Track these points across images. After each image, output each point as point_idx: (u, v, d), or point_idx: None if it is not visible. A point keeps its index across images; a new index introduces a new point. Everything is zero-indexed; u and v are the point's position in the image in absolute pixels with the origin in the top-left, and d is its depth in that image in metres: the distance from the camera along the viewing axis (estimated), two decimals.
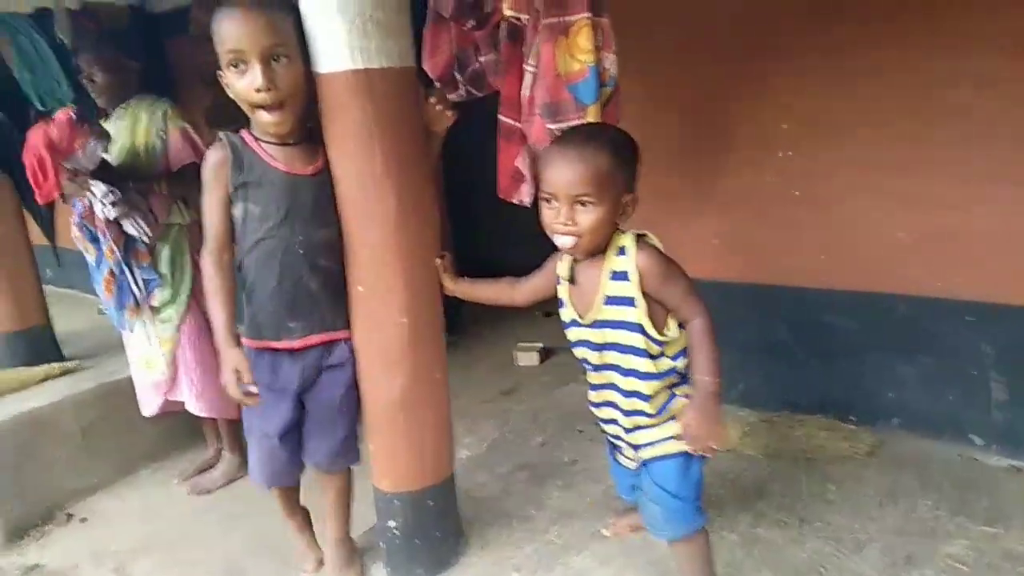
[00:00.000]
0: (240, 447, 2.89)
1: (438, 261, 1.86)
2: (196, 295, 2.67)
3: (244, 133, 1.74)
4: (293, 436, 1.84)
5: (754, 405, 2.55)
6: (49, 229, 3.93)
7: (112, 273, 2.57)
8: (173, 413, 2.83)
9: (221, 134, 1.73)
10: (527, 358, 3.79)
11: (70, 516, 2.80)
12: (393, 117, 1.70)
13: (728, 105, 2.44)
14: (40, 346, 3.40)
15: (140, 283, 2.60)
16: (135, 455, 3.12)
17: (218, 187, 1.70)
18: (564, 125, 1.80)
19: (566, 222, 1.56)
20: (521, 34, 1.91)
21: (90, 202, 2.42)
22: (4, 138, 3.32)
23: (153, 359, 2.71)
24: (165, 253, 2.65)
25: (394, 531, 1.93)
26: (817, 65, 2.26)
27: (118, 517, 2.76)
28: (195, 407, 2.74)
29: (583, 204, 1.54)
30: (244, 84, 1.60)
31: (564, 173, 1.54)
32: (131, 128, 2.61)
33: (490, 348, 3.89)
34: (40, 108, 3.55)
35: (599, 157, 1.52)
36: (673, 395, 1.67)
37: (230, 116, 3.49)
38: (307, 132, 1.76)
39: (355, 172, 1.71)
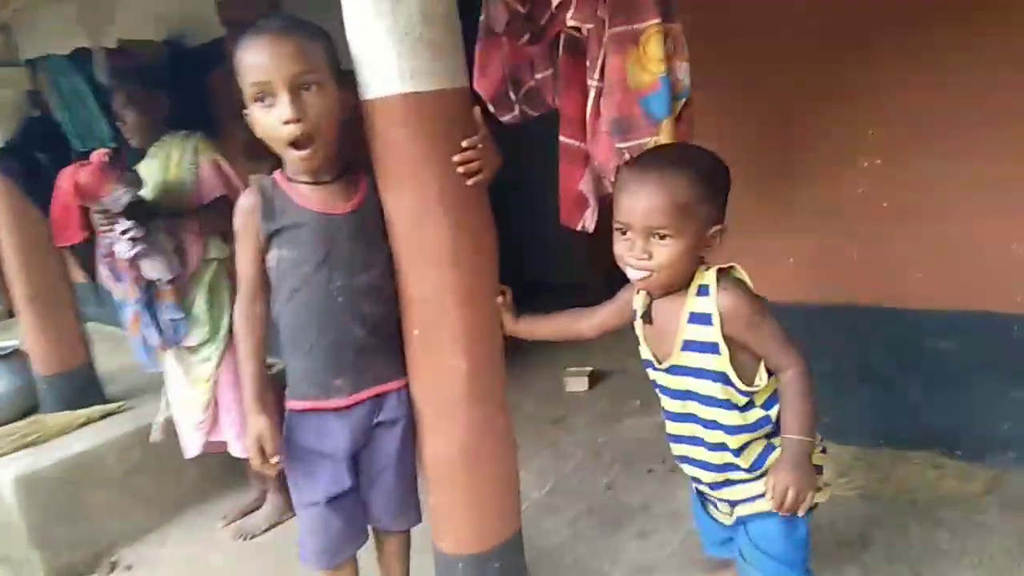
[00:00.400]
0: (285, 488, 2.77)
1: (499, 299, 1.69)
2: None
3: (277, 174, 1.58)
4: (347, 502, 1.66)
5: (846, 440, 2.31)
6: (90, 266, 3.88)
7: (136, 314, 2.50)
8: (216, 453, 2.73)
9: (252, 178, 1.60)
10: (576, 383, 3.60)
11: (115, 564, 2.72)
12: (448, 143, 1.53)
13: (808, 113, 2.24)
14: (83, 387, 3.33)
15: (162, 323, 2.50)
16: (179, 497, 3.04)
17: (248, 236, 1.56)
18: (635, 143, 1.63)
19: (640, 256, 1.38)
20: (582, 47, 1.75)
21: (111, 242, 2.35)
22: (45, 180, 3.27)
23: (192, 400, 2.63)
24: (203, 290, 2.56)
25: None
26: (909, 65, 2.06)
27: (164, 564, 2.67)
28: (236, 448, 2.63)
29: (660, 237, 1.36)
30: (271, 119, 1.43)
31: (640, 202, 1.36)
32: (163, 165, 2.56)
33: (534, 373, 3.68)
34: (80, 149, 3.51)
35: (681, 185, 1.34)
36: (771, 446, 1.47)
37: (266, 149, 3.44)
38: (345, 167, 1.60)
39: (408, 205, 1.55)
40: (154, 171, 2.55)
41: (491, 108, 1.92)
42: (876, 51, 2.11)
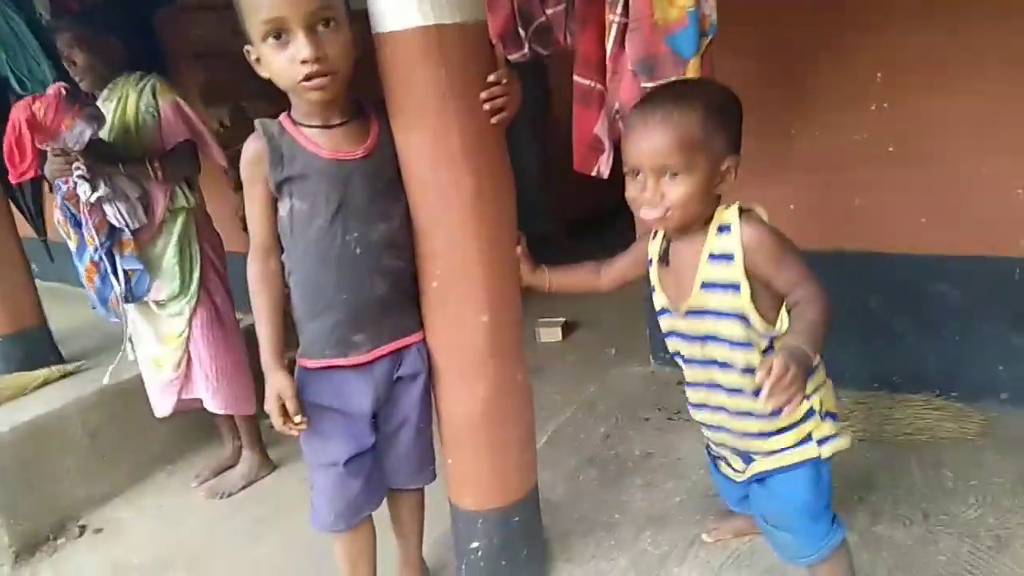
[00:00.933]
0: (260, 445, 2.78)
1: (518, 248, 1.62)
2: (206, 284, 2.52)
3: (283, 118, 1.46)
4: (364, 460, 1.59)
5: (845, 385, 2.30)
6: (38, 222, 3.64)
7: (94, 262, 2.37)
8: (187, 412, 2.68)
9: (257, 122, 1.46)
10: (549, 334, 3.59)
11: (83, 528, 2.64)
12: (470, 82, 1.43)
13: (814, 55, 2.18)
14: (37, 348, 3.18)
15: (120, 273, 2.38)
16: (148, 458, 2.96)
17: (257, 185, 1.45)
18: (662, 83, 1.55)
19: (653, 197, 1.33)
20: None
21: (74, 183, 2.22)
22: None
23: (163, 357, 2.54)
24: (172, 241, 2.45)
25: (477, 553, 1.72)
26: (920, 7, 2.01)
27: (135, 527, 2.59)
28: (212, 404, 2.58)
29: (671, 175, 1.31)
30: (286, 57, 1.31)
31: (647, 141, 1.31)
32: (120, 108, 2.41)
33: None
34: (20, 92, 3.24)
35: (687, 120, 1.29)
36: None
37: (226, 92, 3.24)
38: (356, 108, 1.48)
39: (428, 149, 1.45)
40: (110, 116, 2.39)
41: (498, 46, 1.80)
42: None
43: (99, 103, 2.40)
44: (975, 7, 1.96)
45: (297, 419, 1.48)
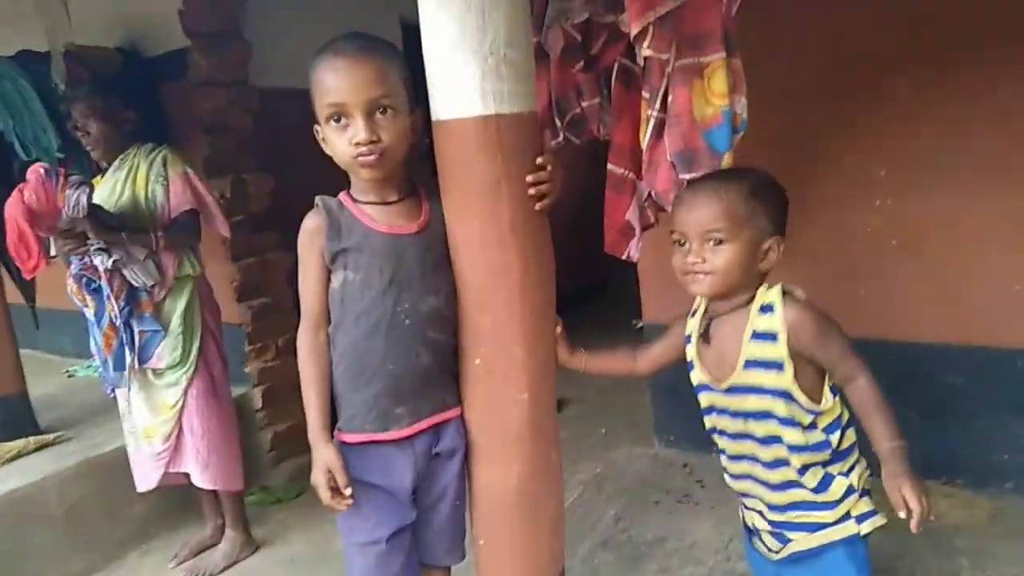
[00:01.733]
0: (244, 523, 2.72)
1: (558, 331, 1.65)
2: (205, 354, 2.53)
3: (343, 196, 1.53)
4: (405, 537, 1.57)
5: None
6: (28, 288, 3.57)
7: (113, 327, 2.38)
8: (169, 487, 2.64)
9: (318, 199, 1.52)
10: None
11: None
12: (522, 169, 1.49)
13: (821, 151, 2.32)
14: (15, 417, 3.10)
15: (137, 338, 2.39)
16: (123, 537, 2.86)
17: (313, 257, 1.50)
18: (699, 176, 1.64)
19: (696, 260, 1.41)
20: (636, 78, 1.76)
21: (90, 257, 2.28)
22: None
23: (154, 428, 2.49)
24: (179, 308, 2.46)
25: None
26: (921, 108, 2.16)
27: None
28: (201, 479, 2.53)
29: (716, 243, 1.40)
30: (345, 139, 1.40)
31: (696, 210, 1.42)
32: (130, 178, 2.46)
33: None
34: (24, 158, 3.24)
35: (734, 194, 1.40)
36: (829, 475, 1.48)
37: (228, 165, 3.28)
38: (410, 188, 1.56)
39: (479, 231, 1.49)
40: (119, 184, 2.45)
41: (545, 133, 1.88)
42: (890, 91, 2.21)
43: (110, 173, 2.46)
44: (976, 113, 2.11)
45: (347, 492, 1.47)
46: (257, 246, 3.36)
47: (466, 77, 1.41)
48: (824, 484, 1.48)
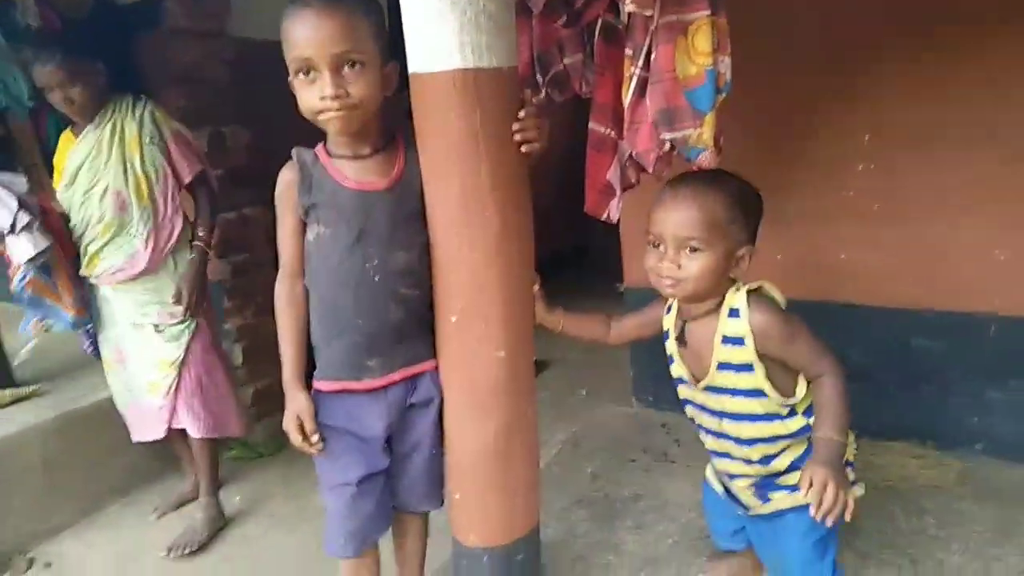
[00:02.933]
0: (217, 489, 2.67)
1: (536, 288, 1.65)
2: (205, 311, 2.55)
3: (319, 148, 1.52)
4: (376, 482, 1.60)
5: None
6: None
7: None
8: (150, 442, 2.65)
9: (293, 151, 1.52)
10: None
11: (31, 561, 2.53)
12: (500, 124, 1.47)
13: (805, 114, 2.30)
14: None
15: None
16: (102, 490, 2.86)
17: (288, 211, 1.51)
18: (680, 134, 1.63)
19: (670, 265, 1.43)
20: (619, 35, 1.72)
21: None
22: None
23: (155, 383, 2.50)
24: (183, 267, 2.46)
25: None
26: (909, 73, 2.15)
27: (86, 562, 2.50)
28: (198, 428, 2.53)
29: (691, 250, 1.41)
30: (312, 93, 1.39)
31: (675, 214, 1.42)
32: (117, 138, 2.35)
33: None
34: None
35: (715, 203, 1.41)
36: (811, 447, 1.50)
37: (205, 118, 3.21)
38: (387, 140, 1.54)
39: (457, 187, 1.48)
40: (105, 145, 2.35)
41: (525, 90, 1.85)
42: (877, 57, 2.18)
43: (90, 130, 2.36)
44: (963, 79, 2.10)
45: (314, 439, 1.51)
46: (236, 201, 3.31)
47: (443, 29, 1.38)
48: (805, 456, 1.51)
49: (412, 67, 1.45)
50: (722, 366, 1.47)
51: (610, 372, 3.40)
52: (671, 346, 1.61)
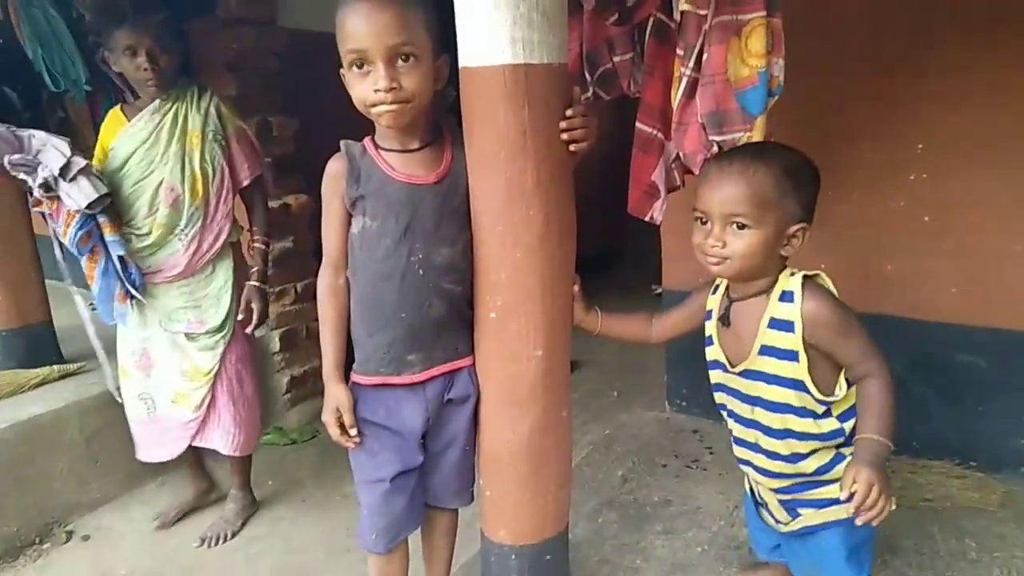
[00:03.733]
0: (249, 484, 2.62)
1: (575, 288, 1.64)
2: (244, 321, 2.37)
3: (367, 141, 1.53)
4: (409, 478, 1.60)
5: None
6: None
7: (92, 257, 2.18)
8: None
9: (342, 143, 1.52)
10: None
11: (70, 534, 2.59)
12: (548, 121, 1.46)
13: (857, 121, 2.25)
14: (40, 345, 3.17)
15: (118, 265, 2.20)
16: (141, 468, 2.82)
17: (334, 201, 1.51)
18: (729, 137, 1.60)
19: (715, 243, 1.37)
20: (671, 35, 1.70)
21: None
22: (13, 118, 3.00)
23: (185, 395, 2.34)
24: (225, 273, 2.33)
25: None
26: (963, 82, 2.09)
27: (124, 536, 2.55)
28: (230, 446, 2.40)
29: (739, 227, 1.35)
30: (365, 85, 1.39)
31: (721, 190, 1.36)
32: (179, 130, 2.19)
33: None
34: (53, 89, 3.23)
35: (763, 176, 1.33)
36: (840, 456, 1.47)
37: (253, 106, 3.25)
38: (435, 135, 1.54)
39: (503, 183, 1.47)
40: (165, 135, 2.19)
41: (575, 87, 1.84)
42: (932, 63, 2.13)
43: (147, 115, 2.21)
44: (1016, 91, 2.03)
45: (352, 432, 1.52)
46: (280, 189, 3.35)
47: (496, 24, 1.38)
48: (828, 466, 1.47)
49: (463, 61, 1.45)
50: (764, 350, 1.42)
51: (642, 375, 3.38)
52: (711, 327, 1.56)
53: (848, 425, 1.44)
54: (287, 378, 3.39)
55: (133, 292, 2.26)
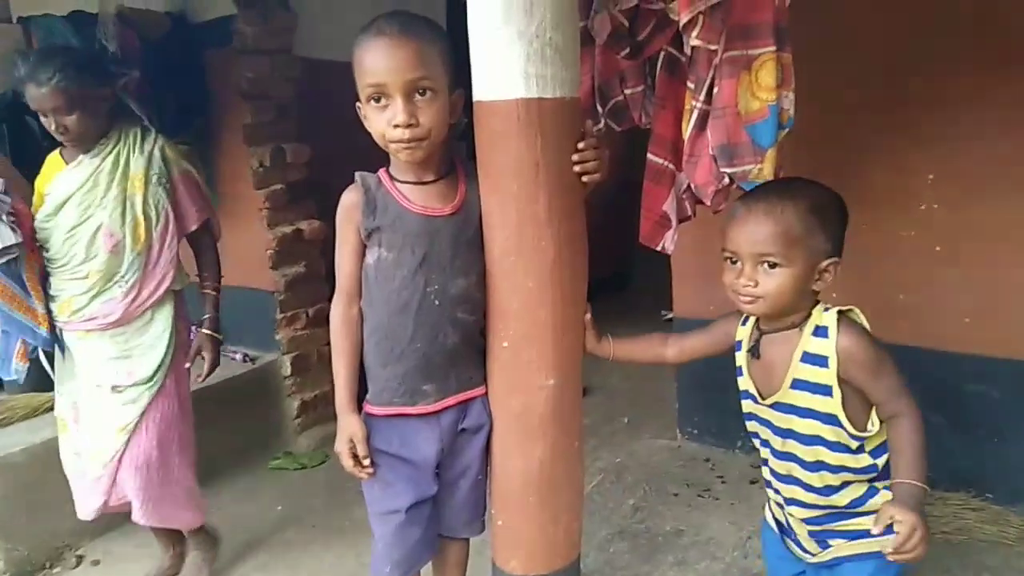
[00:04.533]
0: (202, 529, 2.41)
1: (587, 317, 1.64)
2: (175, 369, 2.18)
3: (382, 172, 1.55)
4: (424, 509, 1.60)
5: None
6: None
7: None
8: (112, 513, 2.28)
9: (357, 175, 1.54)
10: None
11: (81, 558, 2.59)
12: (561, 154, 1.48)
13: (868, 152, 2.27)
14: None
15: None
16: None
17: (350, 233, 1.52)
18: (740, 170, 1.62)
19: (747, 283, 1.37)
20: (681, 68, 1.73)
21: None
22: (34, 145, 3.04)
23: (98, 450, 2.12)
24: (163, 323, 2.15)
25: None
26: (975, 113, 2.10)
27: (133, 561, 2.53)
28: (143, 515, 2.17)
29: (770, 266, 1.35)
30: (384, 119, 1.41)
31: (749, 229, 1.36)
32: (119, 174, 2.04)
33: None
34: None
35: (791, 215, 1.34)
36: (874, 489, 1.45)
37: (268, 134, 3.30)
38: (448, 167, 1.56)
39: (515, 214, 1.49)
40: (104, 179, 2.04)
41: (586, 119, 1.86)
42: (944, 94, 2.14)
43: (86, 159, 2.05)
44: None
45: (366, 463, 1.52)
46: (293, 215, 3.39)
47: (510, 58, 1.40)
48: (861, 500, 1.46)
49: (477, 95, 1.47)
50: (797, 384, 1.41)
51: (653, 402, 3.37)
52: (741, 358, 1.55)
53: (881, 461, 1.43)
54: (298, 402, 3.41)
55: (45, 351, 2.15)
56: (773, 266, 1.35)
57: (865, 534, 1.42)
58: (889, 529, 1.39)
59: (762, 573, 2.00)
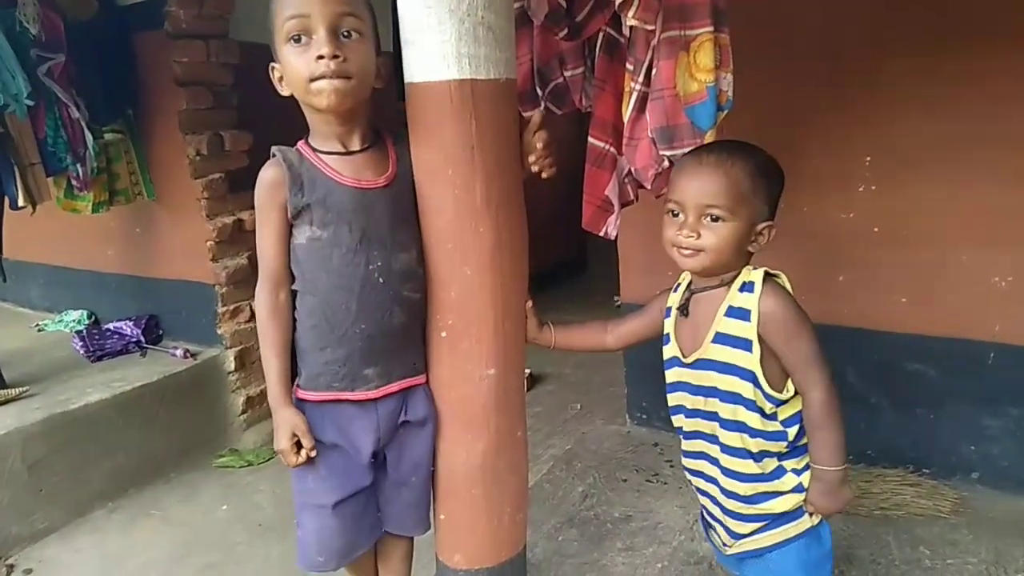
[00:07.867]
0: None
1: (528, 305, 1.62)
2: None
3: (301, 145, 1.44)
4: (357, 502, 1.54)
5: None
6: None
7: None
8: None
9: (274, 149, 1.43)
10: None
11: (11, 568, 2.48)
12: (497, 136, 1.45)
13: (806, 133, 2.28)
14: None
15: None
16: (88, 495, 2.81)
17: (274, 212, 1.41)
18: (679, 152, 1.60)
19: (689, 235, 1.37)
20: (621, 49, 1.70)
21: None
22: None
23: None
24: None
25: None
26: (911, 94, 2.13)
27: (69, 568, 2.45)
28: None
29: (712, 219, 1.35)
30: (304, 59, 1.30)
31: (697, 181, 1.36)
32: None
33: None
34: None
35: (739, 171, 1.35)
36: (782, 468, 1.46)
37: (205, 121, 3.19)
38: (374, 136, 1.48)
39: (451, 200, 1.45)
40: None
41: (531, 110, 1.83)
42: (880, 76, 2.16)
43: None
44: (967, 101, 2.08)
45: (314, 454, 1.44)
46: (233, 205, 3.29)
47: (441, 39, 1.36)
48: (776, 474, 1.46)
49: (408, 77, 1.42)
50: (719, 337, 1.41)
51: (604, 388, 3.38)
52: (669, 323, 1.54)
53: (792, 431, 1.43)
54: (242, 398, 3.32)
55: None
56: (716, 219, 1.36)
57: (776, 520, 1.44)
58: (799, 511, 1.45)
59: (708, 555, 2.01)
